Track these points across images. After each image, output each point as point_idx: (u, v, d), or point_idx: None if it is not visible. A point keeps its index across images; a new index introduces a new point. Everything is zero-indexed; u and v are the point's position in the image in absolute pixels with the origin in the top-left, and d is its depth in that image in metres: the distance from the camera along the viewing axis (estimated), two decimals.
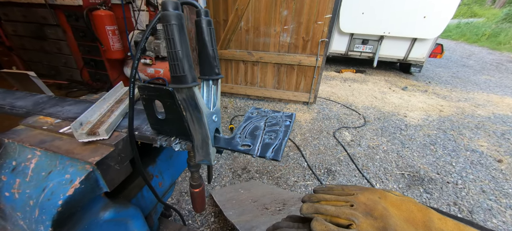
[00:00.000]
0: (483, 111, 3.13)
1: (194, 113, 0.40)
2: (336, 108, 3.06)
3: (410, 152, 2.18)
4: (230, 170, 1.89)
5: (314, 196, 0.52)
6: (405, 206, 0.46)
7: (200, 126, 0.42)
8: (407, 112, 3.01)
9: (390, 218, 0.43)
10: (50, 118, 0.54)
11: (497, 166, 2.01)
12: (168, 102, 0.40)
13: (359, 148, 2.20)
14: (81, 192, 0.39)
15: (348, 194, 0.50)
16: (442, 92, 3.84)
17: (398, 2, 3.91)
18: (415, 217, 0.44)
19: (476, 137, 2.46)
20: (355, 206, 0.45)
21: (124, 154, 0.47)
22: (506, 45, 8.34)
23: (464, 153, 2.19)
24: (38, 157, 0.43)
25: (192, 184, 0.56)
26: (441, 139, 2.41)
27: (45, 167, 0.42)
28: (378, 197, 0.48)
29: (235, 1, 2.59)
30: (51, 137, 0.48)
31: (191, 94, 0.38)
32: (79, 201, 0.39)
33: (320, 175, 1.85)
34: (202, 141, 0.43)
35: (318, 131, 2.47)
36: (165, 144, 0.45)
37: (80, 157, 0.41)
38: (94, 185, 0.42)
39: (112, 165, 0.44)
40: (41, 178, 0.40)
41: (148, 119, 0.46)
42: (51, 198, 0.37)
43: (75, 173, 0.40)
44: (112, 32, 2.34)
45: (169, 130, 0.45)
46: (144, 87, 0.41)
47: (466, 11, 17.26)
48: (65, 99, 0.61)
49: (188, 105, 0.40)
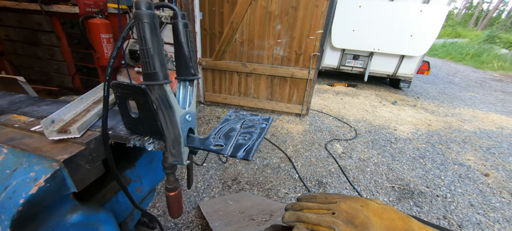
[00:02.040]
0: (469, 126, 3.23)
1: (166, 111, 0.40)
2: (328, 120, 3.10)
3: (400, 165, 2.20)
4: (220, 181, 1.86)
5: (297, 204, 0.52)
6: (386, 214, 0.46)
7: (172, 125, 0.42)
8: (397, 125, 3.07)
9: (371, 226, 0.43)
10: (24, 116, 0.52)
11: (484, 180, 2.05)
12: (141, 100, 0.40)
13: (350, 160, 2.21)
14: (46, 191, 0.38)
15: (331, 202, 0.50)
16: (430, 107, 3.96)
17: (386, 21, 4.11)
18: (396, 225, 0.44)
19: (463, 151, 2.52)
20: (337, 214, 0.45)
21: (96, 154, 0.46)
22: (489, 64, 8.77)
23: (452, 166, 2.23)
24: (4, 154, 0.41)
25: (167, 187, 0.55)
26: (429, 152, 2.45)
27: (10, 165, 0.40)
28: (360, 205, 0.49)
29: (230, 15, 2.67)
30: (21, 135, 0.46)
31: (162, 92, 0.39)
32: (43, 201, 0.37)
33: (311, 187, 1.83)
34: (175, 140, 0.43)
35: (310, 142, 2.48)
36: (139, 144, 0.45)
37: (48, 154, 0.40)
38: (60, 184, 0.40)
39: (82, 164, 0.43)
40: (4, 176, 0.38)
41: (122, 118, 0.45)
42: (13, 196, 0.36)
43: (41, 171, 0.38)
44: (107, 40, 2.34)
45: (143, 130, 0.45)
46: (117, 85, 0.41)
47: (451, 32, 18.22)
48: (43, 99, 0.60)
49: (160, 103, 0.40)
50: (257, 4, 2.60)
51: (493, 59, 9.03)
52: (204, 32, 2.83)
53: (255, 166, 2.04)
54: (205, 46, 2.92)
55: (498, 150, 2.59)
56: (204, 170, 1.96)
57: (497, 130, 3.14)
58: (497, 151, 2.56)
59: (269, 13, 2.60)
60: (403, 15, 4.03)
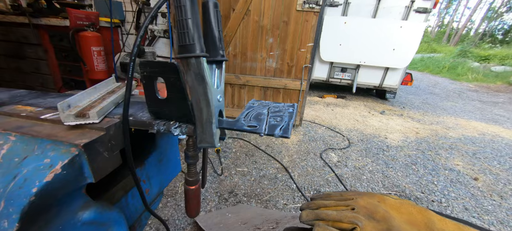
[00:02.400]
0: (453, 133, 3.38)
1: (201, 88, 0.38)
2: (321, 130, 3.14)
3: (394, 172, 2.23)
4: (215, 194, 1.79)
5: (312, 203, 0.50)
6: (404, 208, 0.46)
7: (206, 103, 0.39)
8: (387, 134, 3.16)
9: (393, 220, 0.42)
10: (30, 107, 0.48)
11: (474, 184, 2.12)
12: (171, 78, 0.38)
13: (346, 169, 2.22)
14: (62, 179, 0.33)
15: (347, 199, 0.49)
16: (416, 116, 4.13)
17: (370, 36, 4.36)
18: (415, 219, 0.44)
19: (452, 157, 2.61)
20: (357, 209, 0.44)
21: (115, 142, 0.42)
22: (464, 76, 9.41)
23: (443, 172, 2.29)
24: (11, 142, 0.37)
25: (188, 179, 0.51)
26: (421, 159, 2.52)
27: (19, 153, 0.35)
28: (377, 201, 0.48)
29: (223, 29, 2.72)
30: (31, 123, 0.42)
31: (199, 66, 0.36)
32: (57, 191, 0.33)
33: (310, 197, 1.80)
34: (206, 121, 0.40)
35: (305, 152, 2.48)
36: (163, 129, 0.42)
37: (65, 140, 0.36)
38: (77, 173, 0.36)
39: (101, 152, 0.39)
40: (12, 165, 0.34)
41: (147, 101, 0.42)
42: (23, 186, 0.31)
43: (57, 157, 0.34)
44: (97, 53, 2.29)
45: (168, 113, 0.42)
46: (146, 63, 0.38)
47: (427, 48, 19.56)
48: (48, 93, 0.56)
49: (194, 79, 0.37)
50: (250, 19, 2.68)
51: (467, 72, 9.71)
52: None
53: (251, 178, 1.99)
54: None
55: (483, 155, 2.71)
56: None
57: (479, 136, 3.30)
58: (482, 156, 2.67)
59: (261, 27, 2.68)
60: (385, 30, 4.30)
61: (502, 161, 2.57)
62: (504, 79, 8.54)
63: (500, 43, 20.92)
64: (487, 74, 9.41)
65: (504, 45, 18.74)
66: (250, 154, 2.37)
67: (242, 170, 2.10)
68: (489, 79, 8.84)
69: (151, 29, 2.72)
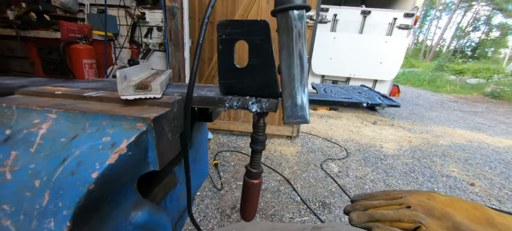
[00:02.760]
0: (443, 141, 3.50)
1: (296, 48, 0.32)
2: (318, 141, 3.13)
3: (395, 180, 2.24)
4: (217, 210, 1.69)
5: (358, 205, 0.46)
6: (457, 205, 0.43)
7: (300, 67, 0.33)
8: (382, 143, 3.21)
9: (454, 216, 0.39)
10: (63, 87, 0.41)
11: (472, 190, 2.16)
12: (258, 40, 0.33)
13: (348, 179, 2.19)
14: (126, 162, 0.26)
15: (395, 198, 0.46)
16: (406, 126, 4.26)
17: (358, 50, 4.57)
18: (474, 215, 0.41)
19: (446, 164, 2.67)
20: (413, 207, 0.41)
21: (177, 122, 0.36)
22: (443, 88, 10.00)
23: (441, 178, 2.32)
24: (52, 120, 0.29)
25: (251, 171, 0.43)
26: (418, 166, 2.55)
27: (65, 132, 0.28)
28: (426, 198, 0.45)
29: None
30: (71, 101, 0.35)
31: (300, 19, 0.31)
32: (119, 178, 0.26)
33: (316, 209, 1.74)
34: (298, 90, 0.34)
35: (305, 163, 2.44)
36: (237, 105, 0.36)
37: (126, 114, 0.30)
38: (142, 155, 0.29)
39: (166, 132, 0.33)
40: (58, 146, 0.27)
41: (220, 71, 0.36)
42: (77, 170, 0.24)
43: (119, 134, 0.28)
44: (89, 66, 2.20)
45: (246, 85, 0.37)
46: (226, 24, 0.33)
47: (406, 63, 20.82)
48: (72, 79, 0.49)
49: (290, 37, 0.32)
50: None
51: (445, 84, 10.35)
52: None
53: None
54: None
55: (474, 161, 2.80)
56: (198, 199, 1.78)
57: (467, 144, 3.44)
58: (473, 162, 2.76)
59: None
60: (372, 45, 4.53)
61: (493, 166, 2.66)
62: (479, 90, 9.17)
63: (471, 58, 22.77)
64: (463, 86, 10.08)
65: (475, 60, 20.40)
66: None
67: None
68: (466, 90, 9.45)
69: (146, 43, 2.69)
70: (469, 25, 28.73)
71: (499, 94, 8.10)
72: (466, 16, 28.92)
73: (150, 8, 2.56)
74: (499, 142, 3.62)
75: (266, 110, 0.38)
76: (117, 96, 0.35)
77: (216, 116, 0.51)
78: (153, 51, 2.75)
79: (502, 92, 8.10)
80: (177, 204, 0.43)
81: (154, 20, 2.62)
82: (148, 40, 2.68)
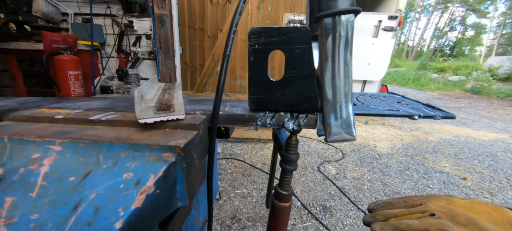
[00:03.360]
0: (433, 137, 3.60)
1: (341, 57, 0.29)
2: (313, 144, 3.13)
3: (391, 179, 2.26)
4: (216, 221, 1.63)
5: (378, 214, 0.44)
6: (478, 208, 0.42)
7: (346, 77, 0.29)
8: (375, 142, 3.26)
9: (480, 222, 0.37)
10: (63, 109, 0.35)
11: (465, 184, 2.21)
12: (297, 49, 0.30)
13: (346, 180, 2.19)
14: (154, 203, 0.22)
15: (415, 205, 0.44)
16: (396, 124, 4.36)
17: None
18: (496, 218, 0.40)
19: (438, 160, 2.74)
20: (437, 215, 0.39)
21: (203, 146, 0.31)
22: (427, 86, 10.41)
23: (435, 174, 2.37)
24: (56, 153, 0.24)
25: (281, 193, 0.39)
26: (411, 164, 2.60)
27: (74, 168, 0.23)
28: (446, 203, 0.44)
29: (211, 48, 2.71)
30: (77, 127, 0.29)
31: (348, 25, 0.27)
32: (147, 222, 0.21)
33: (317, 214, 1.72)
34: (341, 104, 0.30)
35: (303, 167, 2.43)
36: (272, 124, 0.31)
37: (149, 142, 0.25)
38: (170, 192, 0.24)
39: (194, 159, 0.28)
40: (66, 188, 0.22)
41: (252, 85, 0.32)
42: (96, 220, 0.19)
43: (143, 168, 0.23)
44: (74, 77, 2.10)
45: (277, 101, 0.33)
46: (259, 31, 0.29)
47: (391, 63, 21.61)
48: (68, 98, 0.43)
49: (335, 45, 0.28)
50: (238, 38, 2.71)
51: (429, 82, 10.78)
52: (185, 66, 2.79)
53: (253, 199, 1.86)
54: (186, 79, 2.84)
55: (463, 155, 2.89)
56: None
57: (455, 139, 3.56)
58: (463, 157, 2.85)
59: None
60: (360, 47, 4.65)
61: (481, 160, 2.76)
62: (460, 86, 9.61)
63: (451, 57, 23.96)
64: (446, 83, 10.54)
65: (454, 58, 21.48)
66: (247, 174, 2.25)
67: (242, 192, 1.96)
68: (448, 87, 9.88)
69: (134, 51, 2.61)
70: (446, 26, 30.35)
71: (479, 90, 8.52)
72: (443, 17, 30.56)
73: (137, 16, 2.50)
74: (484, 135, 3.77)
75: (304, 126, 0.35)
76: (131, 118, 0.30)
77: (232, 131, 0.47)
78: (142, 59, 2.68)
79: (482, 88, 8.53)
80: (192, 230, 0.38)
81: (142, 28, 2.56)
82: (137, 48, 2.60)
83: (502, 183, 2.25)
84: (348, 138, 0.33)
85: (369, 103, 0.41)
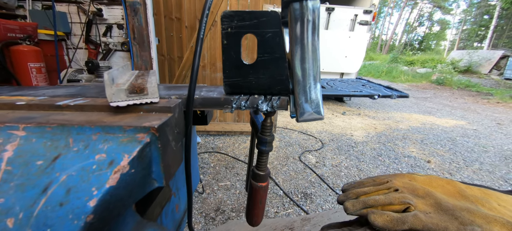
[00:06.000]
0: (402, 125, 3.89)
1: (309, 40, 0.30)
2: (295, 135, 3.22)
3: (366, 165, 2.42)
4: (200, 214, 1.63)
5: (350, 193, 0.47)
6: (435, 182, 0.47)
7: (313, 60, 0.31)
8: (352, 131, 3.44)
9: (435, 194, 0.42)
10: (25, 96, 0.33)
11: (429, 166, 2.44)
12: (269, 33, 0.30)
13: (325, 168, 2.30)
14: (129, 182, 0.22)
15: (382, 183, 0.48)
16: (370, 114, 4.64)
17: (326, 45, 4.80)
18: (448, 190, 0.45)
19: (406, 146, 2.98)
20: (400, 190, 0.43)
21: (179, 129, 0.31)
22: (399, 78, 11.14)
23: (404, 159, 2.58)
24: (20, 138, 0.23)
25: (258, 174, 0.40)
26: (384, 150, 2.80)
27: (41, 152, 0.22)
28: (408, 179, 0.48)
29: (190, 40, 2.62)
30: (42, 113, 0.28)
31: (314, 10, 0.29)
32: (121, 202, 0.21)
33: (299, 201, 1.79)
34: (310, 86, 0.32)
35: (285, 157, 2.49)
36: (246, 106, 0.33)
37: (122, 124, 0.24)
38: (146, 171, 0.24)
39: (170, 141, 0.28)
40: (34, 172, 0.21)
41: (225, 69, 0.32)
42: (68, 200, 0.19)
43: (117, 149, 0.22)
44: (37, 70, 1.91)
45: (251, 84, 0.33)
46: (232, 15, 0.29)
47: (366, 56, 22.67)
48: (31, 86, 0.39)
49: (303, 29, 0.30)
50: (217, 29, 2.65)
51: (400, 74, 11.54)
52: (162, 58, 2.67)
53: (236, 191, 1.88)
54: (163, 71, 2.73)
55: (428, 141, 3.17)
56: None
57: (421, 126, 3.88)
58: (428, 142, 3.13)
59: None
60: (337, 40, 4.80)
61: (443, 144, 3.05)
62: (427, 78, 10.42)
63: (419, 51, 25.78)
64: (414, 75, 11.35)
65: (422, 52, 23.13)
66: (230, 166, 2.26)
67: (225, 184, 1.97)
68: (416, 79, 10.66)
69: (105, 42, 2.43)
70: (415, 21, 32.43)
71: (443, 81, 9.33)
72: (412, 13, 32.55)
73: (107, 3, 2.32)
74: (446, 122, 4.16)
75: (277, 108, 0.36)
76: (102, 103, 0.29)
77: (211, 118, 0.47)
78: (114, 51, 2.51)
79: (445, 79, 9.34)
80: (172, 218, 0.38)
81: (113, 17, 2.38)
82: (108, 39, 2.43)
83: (460, 164, 2.52)
84: (317, 117, 0.36)
85: (337, 86, 0.44)
